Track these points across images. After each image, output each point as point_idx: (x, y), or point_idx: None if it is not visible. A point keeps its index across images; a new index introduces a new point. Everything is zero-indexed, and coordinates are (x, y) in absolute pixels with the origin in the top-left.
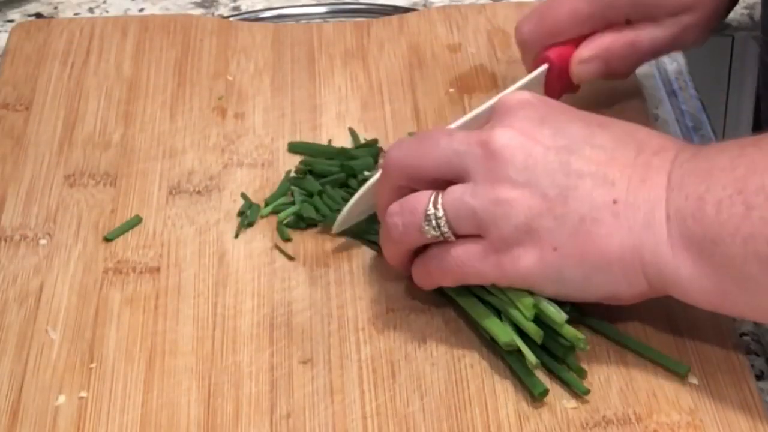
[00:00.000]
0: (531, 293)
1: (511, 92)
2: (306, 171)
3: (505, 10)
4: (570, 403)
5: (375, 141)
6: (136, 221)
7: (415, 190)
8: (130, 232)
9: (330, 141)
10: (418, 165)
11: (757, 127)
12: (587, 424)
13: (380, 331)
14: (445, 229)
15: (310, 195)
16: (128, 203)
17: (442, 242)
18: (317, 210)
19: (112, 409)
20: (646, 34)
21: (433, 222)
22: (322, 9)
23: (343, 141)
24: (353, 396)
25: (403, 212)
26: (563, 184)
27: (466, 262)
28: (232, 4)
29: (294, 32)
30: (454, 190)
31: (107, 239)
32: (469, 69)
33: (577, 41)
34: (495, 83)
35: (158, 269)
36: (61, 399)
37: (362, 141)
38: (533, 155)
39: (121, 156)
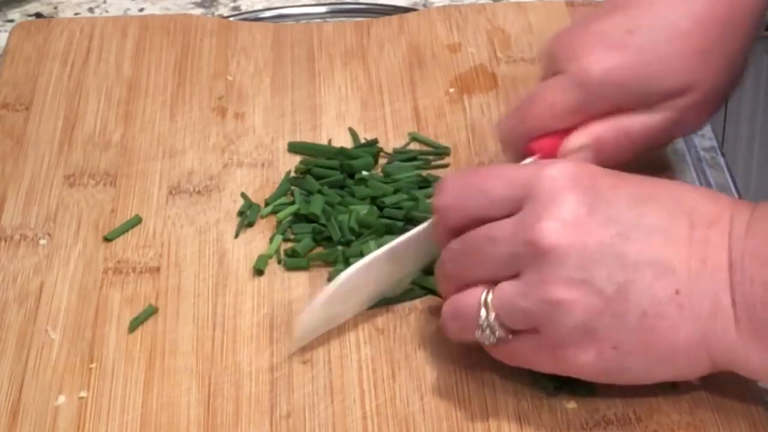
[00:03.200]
0: None
1: (551, 165)
2: (306, 171)
3: (505, 10)
4: (570, 403)
5: (375, 141)
6: (136, 221)
7: None
8: (130, 232)
9: (330, 141)
10: (468, 277)
11: None
12: (587, 424)
13: (380, 331)
14: (499, 333)
15: (310, 194)
16: (128, 203)
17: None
18: (314, 215)
19: (112, 409)
20: (638, 122)
21: (487, 331)
22: (322, 9)
23: (343, 141)
24: (353, 396)
25: (456, 317)
26: (621, 279)
27: (523, 356)
28: (232, 4)
29: (294, 32)
30: (504, 291)
31: (107, 239)
32: (469, 69)
33: (566, 131)
34: (495, 83)
35: (158, 269)
36: (61, 399)
37: (362, 141)
38: (587, 252)
39: (121, 156)
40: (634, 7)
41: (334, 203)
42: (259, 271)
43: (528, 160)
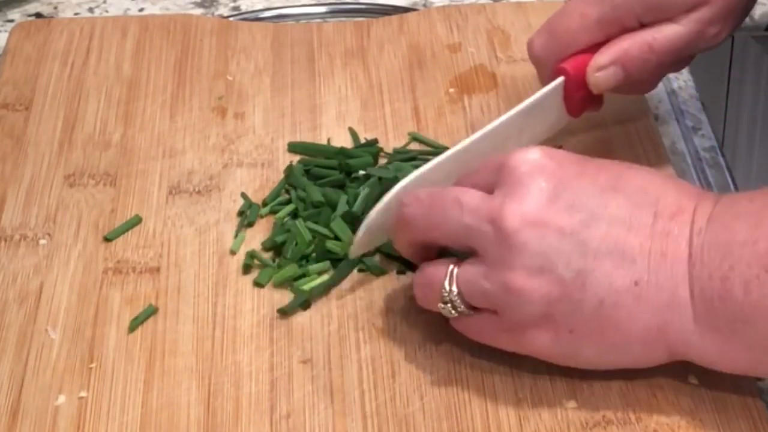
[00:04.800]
0: None
1: (522, 152)
2: (304, 170)
3: (505, 10)
4: (570, 403)
5: (375, 141)
6: (136, 221)
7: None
8: (130, 232)
9: (329, 141)
10: (429, 233)
11: None
12: (587, 424)
13: (380, 331)
14: (461, 308)
15: (304, 191)
16: (128, 203)
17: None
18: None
19: (112, 409)
20: (662, 34)
21: (449, 305)
22: (322, 9)
23: (343, 141)
24: (353, 396)
25: (422, 285)
26: (580, 267)
27: (482, 333)
28: (232, 4)
29: (294, 32)
30: (468, 270)
31: (107, 239)
32: (469, 69)
33: (593, 51)
34: (495, 83)
35: (158, 269)
36: (61, 399)
37: (362, 141)
38: (547, 239)
39: (121, 156)
40: None
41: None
42: (246, 267)
43: (556, 82)
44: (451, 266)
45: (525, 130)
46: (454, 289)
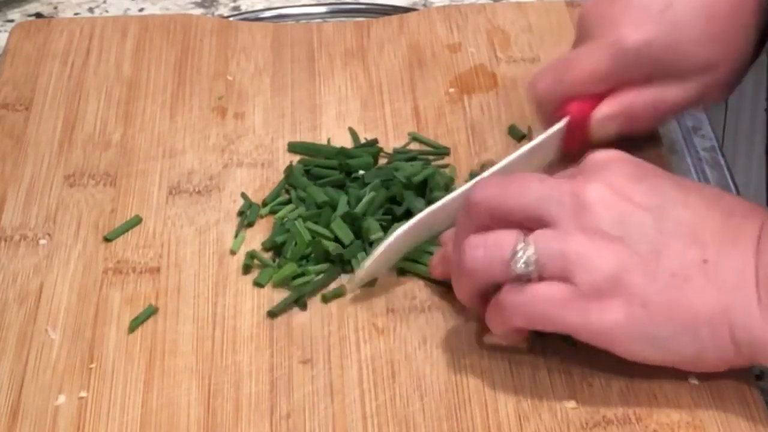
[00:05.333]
0: None
1: (599, 151)
2: (304, 170)
3: (505, 10)
4: (570, 403)
5: (375, 141)
6: (136, 221)
7: None
8: (130, 232)
9: (329, 141)
10: (506, 205)
11: None
12: (587, 424)
13: (380, 331)
14: (533, 267)
15: (304, 191)
16: (128, 203)
17: (522, 283)
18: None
19: (112, 409)
20: (669, 93)
21: (523, 258)
22: (322, 9)
23: (343, 141)
24: (353, 396)
25: (487, 245)
26: (655, 242)
27: (551, 304)
28: (232, 4)
29: (294, 32)
30: (545, 233)
31: (107, 239)
32: (469, 69)
33: (598, 97)
34: (495, 83)
35: (158, 269)
36: (61, 399)
37: (362, 141)
38: (626, 212)
39: (121, 156)
40: None
41: (332, 197)
42: (246, 267)
43: (560, 124)
44: (520, 232)
45: (523, 167)
46: (530, 246)
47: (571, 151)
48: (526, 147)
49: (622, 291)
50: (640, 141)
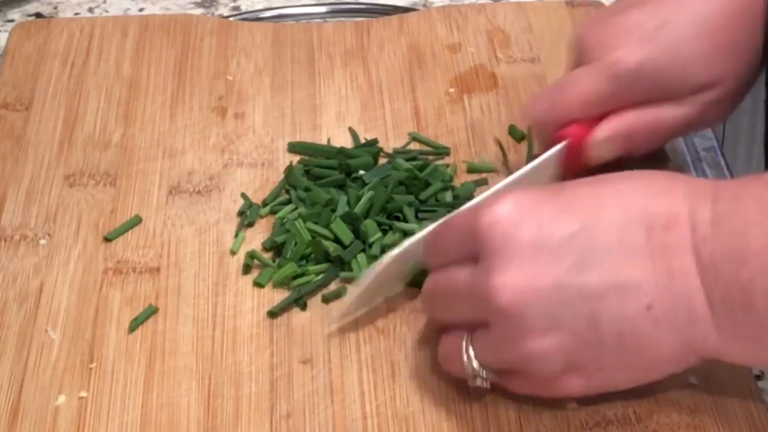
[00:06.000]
0: None
1: (490, 210)
2: (304, 170)
3: (505, 10)
4: (570, 403)
5: (375, 141)
6: (136, 221)
7: None
8: (130, 232)
9: (329, 141)
10: (444, 319)
11: None
12: (587, 424)
13: (380, 331)
14: (489, 376)
15: (306, 191)
16: (128, 203)
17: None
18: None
19: (112, 409)
20: (667, 114)
21: (478, 380)
22: (322, 9)
23: (343, 141)
24: (353, 396)
25: (448, 363)
26: (587, 311)
27: (522, 389)
28: (232, 4)
29: (294, 32)
30: (482, 343)
31: (107, 239)
32: (469, 69)
33: (596, 119)
34: (495, 83)
35: (158, 269)
36: (61, 399)
37: (362, 141)
38: (545, 297)
39: (121, 156)
40: (664, 1)
41: (332, 197)
42: (246, 267)
43: (557, 147)
44: (464, 342)
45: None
46: (475, 364)
47: (571, 174)
48: (522, 170)
49: (575, 368)
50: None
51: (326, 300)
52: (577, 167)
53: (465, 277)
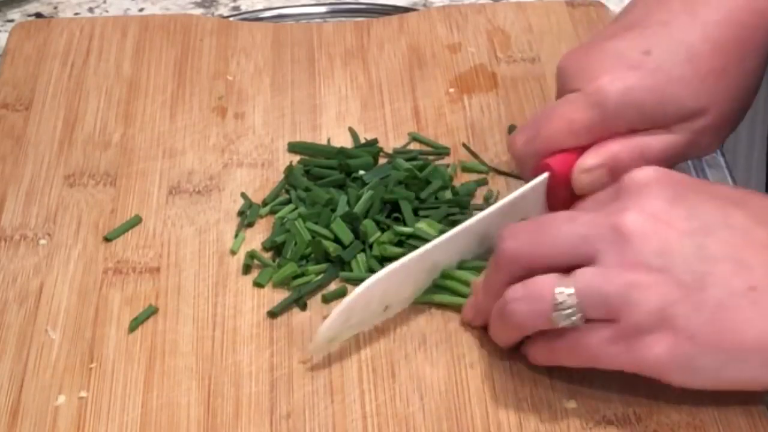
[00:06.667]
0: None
1: (637, 169)
2: (304, 170)
3: (505, 10)
4: (570, 403)
5: (375, 141)
6: (136, 221)
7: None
8: (130, 232)
9: (329, 141)
10: (540, 253)
11: None
12: (587, 424)
13: (380, 331)
14: (576, 317)
15: (306, 191)
16: (128, 203)
17: (568, 328)
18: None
19: (112, 409)
20: (655, 142)
21: (565, 311)
22: (322, 9)
23: (343, 141)
24: (353, 396)
25: (528, 298)
26: (699, 270)
27: (597, 349)
28: (232, 4)
29: (294, 32)
30: (584, 274)
31: (107, 239)
32: (469, 69)
33: (581, 149)
34: (495, 83)
35: (158, 269)
36: (61, 399)
37: (362, 141)
38: (668, 240)
39: (121, 156)
40: (649, 27)
41: (333, 197)
42: (246, 267)
43: (541, 177)
44: (559, 277)
45: (504, 221)
46: (572, 296)
47: (558, 205)
48: (505, 200)
49: (667, 325)
50: None
51: (326, 300)
52: (564, 198)
53: (588, 213)
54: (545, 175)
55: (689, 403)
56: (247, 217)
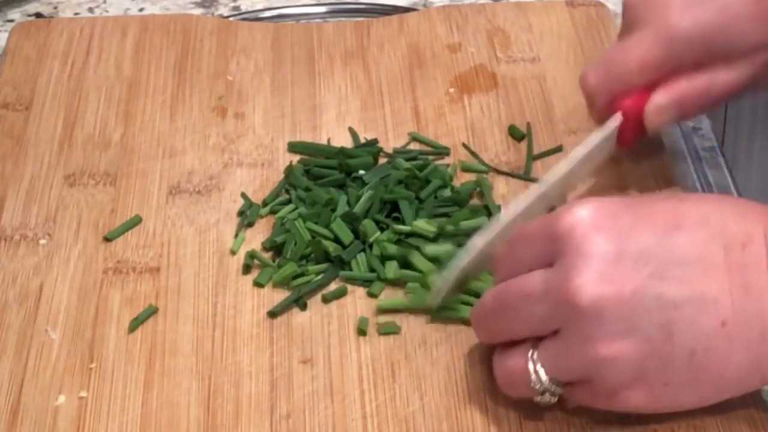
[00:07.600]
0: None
1: (571, 212)
2: (304, 170)
3: (505, 10)
4: (570, 403)
5: (375, 141)
6: (136, 221)
7: None
8: (130, 232)
9: (329, 141)
10: (506, 333)
11: None
12: (587, 424)
13: (380, 331)
14: (553, 390)
15: (307, 191)
16: (128, 203)
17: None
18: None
19: (112, 409)
20: (721, 78)
21: (546, 394)
22: (322, 9)
23: (343, 141)
24: (353, 396)
25: (510, 384)
26: (663, 320)
27: (579, 399)
28: (232, 4)
29: (294, 32)
30: (548, 349)
31: (107, 239)
32: (469, 69)
33: (649, 88)
34: (495, 83)
35: (158, 269)
36: (61, 399)
37: (362, 141)
38: (624, 302)
39: (121, 156)
40: None
41: (333, 197)
42: (246, 267)
43: (614, 122)
44: (530, 352)
45: (581, 172)
46: (544, 377)
47: (627, 145)
48: (586, 150)
49: (641, 380)
50: (641, 145)
51: (326, 300)
52: (633, 138)
53: (539, 280)
54: (619, 117)
55: None
56: (247, 217)
